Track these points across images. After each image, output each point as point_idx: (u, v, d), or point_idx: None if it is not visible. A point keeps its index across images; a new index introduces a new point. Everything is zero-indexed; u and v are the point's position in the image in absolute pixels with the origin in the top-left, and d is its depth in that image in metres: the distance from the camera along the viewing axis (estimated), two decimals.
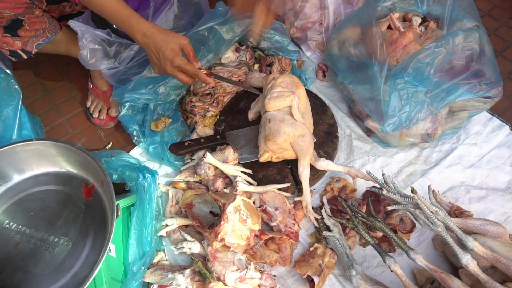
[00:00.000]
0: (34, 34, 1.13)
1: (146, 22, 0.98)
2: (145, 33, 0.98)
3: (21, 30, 1.10)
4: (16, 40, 1.11)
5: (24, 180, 0.95)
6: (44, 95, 1.54)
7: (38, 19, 1.11)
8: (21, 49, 1.14)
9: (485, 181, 1.20)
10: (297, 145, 1.08)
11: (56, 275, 0.82)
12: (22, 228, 0.88)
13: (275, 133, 1.08)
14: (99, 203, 0.91)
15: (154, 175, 1.10)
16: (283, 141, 1.08)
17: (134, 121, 1.31)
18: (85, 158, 0.89)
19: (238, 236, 1.01)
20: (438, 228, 0.92)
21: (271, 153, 1.11)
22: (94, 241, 0.86)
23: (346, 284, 1.05)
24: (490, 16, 1.64)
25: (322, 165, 1.11)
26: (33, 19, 1.10)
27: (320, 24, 1.49)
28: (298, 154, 1.09)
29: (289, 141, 1.09)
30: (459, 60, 1.20)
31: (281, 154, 1.12)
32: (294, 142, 1.09)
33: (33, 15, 1.09)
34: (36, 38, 1.14)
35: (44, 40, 1.15)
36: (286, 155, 1.12)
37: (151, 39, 0.98)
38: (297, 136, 1.08)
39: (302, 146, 1.08)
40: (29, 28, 1.11)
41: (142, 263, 0.99)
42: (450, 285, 0.90)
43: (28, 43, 1.13)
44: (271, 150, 1.11)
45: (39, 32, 1.13)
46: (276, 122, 1.09)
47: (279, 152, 1.11)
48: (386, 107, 1.14)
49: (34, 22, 1.11)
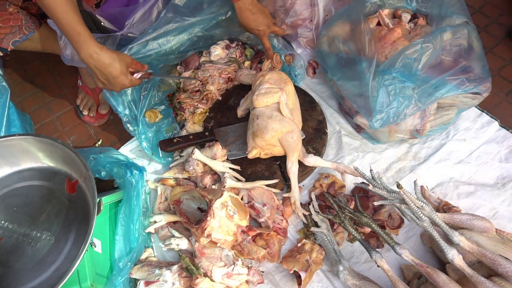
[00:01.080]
0: (10, 31, 1.12)
1: (94, 43, 0.97)
2: (91, 55, 0.97)
3: None
4: None
5: (7, 176, 0.95)
6: (34, 93, 1.54)
7: (13, 16, 1.10)
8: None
9: (473, 176, 1.20)
10: (285, 142, 1.08)
11: (38, 270, 0.82)
12: (5, 223, 0.88)
13: (263, 129, 1.08)
14: (82, 198, 0.90)
15: (142, 172, 1.10)
16: (271, 137, 1.08)
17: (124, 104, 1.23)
18: (68, 153, 0.89)
19: (225, 232, 1.01)
20: (424, 223, 0.92)
21: (259, 149, 1.12)
22: (77, 236, 0.85)
23: (334, 279, 1.05)
24: (481, 13, 1.64)
25: (311, 161, 1.11)
26: (6, 16, 1.09)
27: (311, 21, 1.49)
28: (287, 151, 1.09)
29: (277, 137, 1.09)
30: (447, 56, 1.20)
31: (269, 151, 1.12)
32: (282, 138, 1.09)
33: (5, 12, 1.09)
34: (12, 35, 1.13)
35: (21, 37, 1.14)
36: (275, 151, 1.12)
37: (98, 62, 0.98)
38: (285, 133, 1.08)
39: (290, 142, 1.08)
40: (3, 25, 1.10)
41: (129, 259, 0.99)
42: (436, 280, 0.90)
43: (4, 40, 1.12)
44: (259, 146, 1.11)
45: (15, 29, 1.12)
46: (264, 119, 1.09)
47: (268, 148, 1.11)
48: (374, 103, 1.14)
49: (7, 19, 1.10)
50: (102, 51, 0.97)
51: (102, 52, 0.97)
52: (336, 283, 1.05)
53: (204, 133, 1.24)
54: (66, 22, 0.94)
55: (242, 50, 1.41)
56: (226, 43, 1.39)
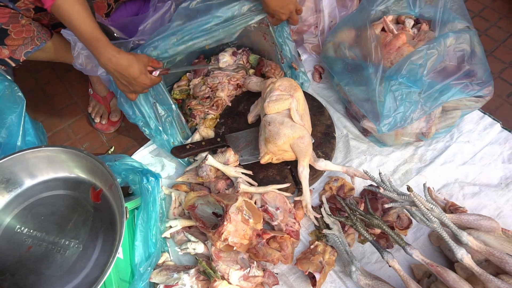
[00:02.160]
0: (22, 42, 1.13)
1: (112, 47, 1.00)
2: (110, 59, 1.00)
3: (8, 39, 1.11)
4: (3, 49, 1.12)
5: (34, 186, 0.98)
6: (46, 102, 1.56)
7: (25, 27, 1.12)
8: (9, 57, 1.14)
9: (478, 177, 1.24)
10: (296, 147, 1.12)
11: (69, 276, 0.85)
12: (34, 232, 0.91)
13: (275, 135, 1.11)
14: (107, 206, 0.93)
15: (157, 178, 1.13)
16: (283, 143, 1.11)
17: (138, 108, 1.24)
18: (93, 163, 0.92)
19: (241, 236, 1.04)
20: (434, 224, 0.96)
21: (271, 154, 1.15)
22: (104, 243, 0.89)
23: (346, 280, 1.09)
24: (480, 17, 1.69)
25: (321, 166, 1.14)
26: (19, 28, 1.11)
27: (316, 27, 1.53)
28: (298, 155, 1.13)
29: (288, 143, 1.12)
30: (451, 61, 1.24)
31: (281, 156, 1.16)
32: (293, 144, 1.12)
33: (18, 24, 1.10)
34: (24, 46, 1.15)
35: (34, 48, 1.16)
36: (286, 156, 1.16)
37: (118, 65, 1.00)
38: (296, 138, 1.11)
39: (301, 147, 1.11)
40: (16, 37, 1.12)
41: (148, 264, 1.02)
42: (446, 278, 0.93)
43: (16, 51, 1.14)
44: (271, 152, 1.14)
45: (27, 41, 1.14)
46: (276, 125, 1.13)
47: (279, 153, 1.15)
48: (382, 108, 1.18)
49: (20, 31, 1.12)
50: (120, 54, 1.00)
51: (120, 55, 1.00)
52: (349, 283, 1.08)
53: (216, 139, 1.27)
54: (83, 30, 0.97)
55: (247, 56, 1.44)
56: (233, 50, 1.42)
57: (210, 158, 1.19)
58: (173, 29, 1.17)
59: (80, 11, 0.96)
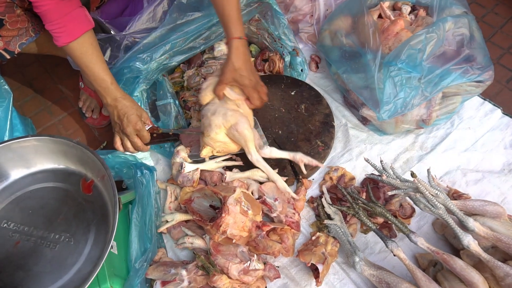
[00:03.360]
0: (17, 33, 1.10)
1: (120, 91, 1.06)
2: (116, 98, 1.04)
3: (3, 30, 1.07)
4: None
5: (21, 178, 0.93)
6: (34, 97, 1.52)
7: (20, 18, 1.09)
8: (3, 49, 1.11)
9: (480, 164, 1.22)
10: (232, 136, 1.06)
11: (59, 272, 0.80)
12: (21, 226, 0.86)
13: (207, 128, 1.06)
14: (99, 198, 0.89)
15: (152, 171, 1.09)
16: (215, 134, 1.05)
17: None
18: (84, 152, 0.88)
19: (240, 228, 1.01)
20: (439, 211, 0.93)
21: (209, 147, 1.09)
22: (96, 236, 0.84)
23: (350, 271, 1.06)
24: (477, 4, 1.67)
25: (266, 153, 1.09)
26: (14, 18, 1.08)
27: (311, 16, 1.50)
28: (239, 143, 1.07)
29: (223, 133, 1.06)
30: (450, 46, 1.21)
31: (221, 148, 1.10)
32: (229, 133, 1.06)
33: (14, 14, 1.07)
34: (19, 38, 1.11)
35: (28, 39, 1.13)
36: (230, 148, 1.10)
37: (121, 103, 1.04)
38: (230, 127, 1.05)
39: (235, 134, 1.05)
40: (11, 28, 1.08)
41: (144, 259, 0.98)
42: (453, 266, 0.90)
43: (11, 42, 1.10)
44: (208, 144, 1.09)
45: (22, 31, 1.11)
46: (208, 116, 1.07)
47: (218, 146, 1.09)
48: (381, 95, 1.15)
49: (15, 21, 1.08)
50: (125, 96, 1.06)
51: (126, 97, 1.06)
52: (352, 275, 1.05)
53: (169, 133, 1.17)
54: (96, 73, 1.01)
55: None
56: None
57: (187, 165, 1.13)
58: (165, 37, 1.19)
59: (94, 55, 1.01)
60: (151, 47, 1.17)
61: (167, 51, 1.19)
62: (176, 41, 1.19)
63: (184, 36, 1.19)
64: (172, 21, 1.17)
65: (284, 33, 1.30)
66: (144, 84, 1.22)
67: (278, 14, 1.27)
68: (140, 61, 1.17)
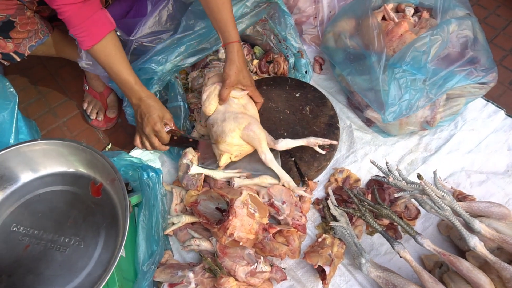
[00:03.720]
0: (27, 35, 1.10)
1: (145, 90, 1.09)
2: (140, 97, 1.08)
3: (13, 32, 1.07)
4: (8, 42, 1.09)
5: (30, 182, 0.93)
6: (38, 99, 1.52)
7: (30, 20, 1.09)
8: (14, 51, 1.11)
9: (484, 165, 1.22)
10: (247, 137, 1.08)
11: (70, 275, 0.80)
12: (31, 230, 0.86)
13: (221, 135, 1.07)
14: (108, 201, 0.89)
15: (158, 173, 1.09)
16: (231, 138, 1.07)
17: None
18: (93, 155, 0.88)
19: (247, 230, 1.01)
20: (446, 213, 0.93)
21: (227, 154, 1.11)
22: (106, 240, 0.84)
23: (356, 272, 1.06)
24: (479, 5, 1.68)
25: (282, 145, 1.12)
26: (25, 20, 1.08)
27: (315, 17, 1.50)
28: (253, 144, 1.09)
29: (238, 136, 1.08)
30: (454, 48, 1.22)
31: (238, 152, 1.11)
32: (243, 135, 1.08)
33: (24, 16, 1.07)
34: (28, 40, 1.12)
35: (37, 41, 1.13)
36: (245, 150, 1.12)
37: (144, 103, 1.08)
38: (243, 129, 1.07)
39: (251, 135, 1.07)
40: (21, 30, 1.09)
41: (152, 262, 0.98)
42: (459, 267, 0.91)
43: (21, 45, 1.11)
44: (225, 151, 1.10)
45: (31, 34, 1.11)
46: (219, 124, 1.09)
47: (235, 150, 1.10)
48: (386, 97, 1.15)
49: (26, 23, 1.09)
50: (150, 96, 1.09)
51: (150, 97, 1.09)
52: (358, 276, 1.06)
53: (188, 139, 1.20)
54: (120, 74, 1.04)
55: (249, 48, 1.41)
56: None
57: (194, 167, 1.14)
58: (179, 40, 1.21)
59: (117, 56, 1.03)
60: (166, 50, 1.19)
61: (182, 52, 1.21)
62: (191, 43, 1.21)
63: (198, 39, 1.20)
64: (188, 28, 1.18)
65: (290, 34, 1.31)
66: (158, 85, 1.24)
67: (285, 14, 1.28)
68: (155, 62, 1.19)
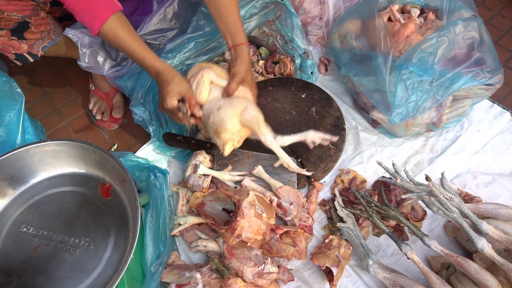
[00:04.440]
0: (40, 36, 1.11)
1: (161, 63, 1.06)
2: (158, 73, 1.05)
3: (28, 33, 1.08)
4: (22, 43, 1.09)
5: (39, 182, 0.93)
6: (44, 99, 1.52)
7: (44, 20, 1.09)
8: (27, 52, 1.11)
9: (490, 166, 1.23)
10: (245, 121, 1.06)
11: (80, 276, 0.80)
12: (40, 231, 0.86)
13: (221, 123, 1.05)
14: (118, 202, 0.89)
15: (165, 174, 1.09)
16: (232, 125, 1.05)
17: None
18: (102, 156, 0.88)
19: (255, 231, 1.01)
20: (454, 214, 0.93)
21: (230, 142, 1.08)
22: (116, 241, 0.84)
23: (363, 274, 1.06)
24: (483, 6, 1.68)
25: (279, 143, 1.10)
26: (39, 21, 1.08)
27: (320, 18, 1.50)
28: (252, 127, 1.07)
29: (237, 121, 1.06)
30: (460, 49, 1.22)
31: (239, 137, 1.09)
32: (241, 119, 1.06)
33: (39, 17, 1.07)
34: (42, 41, 1.12)
35: (50, 42, 1.13)
36: (243, 133, 1.09)
37: (160, 79, 1.05)
38: (241, 113, 1.05)
39: (248, 118, 1.05)
40: (35, 30, 1.09)
41: (159, 263, 0.99)
42: (467, 269, 0.91)
43: (34, 45, 1.11)
44: (228, 139, 1.07)
45: (44, 34, 1.11)
46: (215, 113, 1.06)
47: (237, 136, 1.08)
48: (393, 98, 1.15)
49: (40, 24, 1.09)
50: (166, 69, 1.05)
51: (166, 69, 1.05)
52: (365, 278, 1.06)
53: (206, 144, 1.21)
54: (130, 51, 1.03)
55: (254, 49, 1.41)
56: None
57: (202, 167, 1.13)
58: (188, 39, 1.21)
59: (126, 35, 1.02)
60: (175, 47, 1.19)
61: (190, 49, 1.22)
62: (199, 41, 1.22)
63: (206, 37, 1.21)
64: (198, 29, 1.19)
65: (296, 35, 1.31)
66: None
67: (292, 15, 1.28)
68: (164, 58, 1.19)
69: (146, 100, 1.25)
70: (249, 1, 1.22)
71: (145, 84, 1.23)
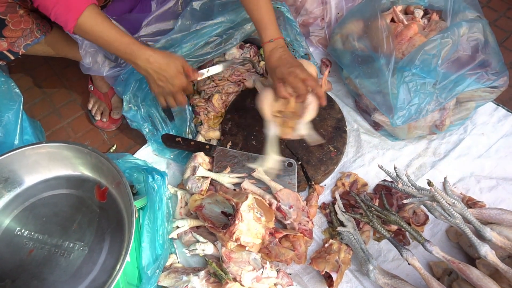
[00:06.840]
0: (21, 34, 1.08)
1: (147, 48, 0.99)
2: (148, 59, 0.98)
3: (6, 30, 1.05)
4: (1, 41, 1.07)
5: (35, 185, 0.92)
6: (43, 99, 1.51)
7: (23, 18, 1.07)
8: (8, 49, 1.09)
9: (494, 170, 1.20)
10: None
11: (74, 281, 0.79)
12: (35, 234, 0.85)
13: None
14: (113, 206, 0.88)
15: (163, 176, 1.08)
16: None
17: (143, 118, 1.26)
18: (98, 159, 0.87)
19: (254, 235, 1.00)
20: (456, 220, 0.92)
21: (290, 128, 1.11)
22: (111, 245, 0.83)
23: (363, 279, 1.04)
24: (489, 7, 1.65)
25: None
26: (17, 18, 1.06)
27: (322, 19, 1.48)
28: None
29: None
30: (464, 51, 1.20)
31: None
32: None
33: (16, 14, 1.05)
34: (24, 39, 1.09)
35: (33, 40, 1.11)
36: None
37: (156, 64, 0.99)
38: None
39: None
40: (14, 28, 1.07)
41: (156, 267, 0.97)
42: (469, 275, 0.89)
43: (15, 43, 1.09)
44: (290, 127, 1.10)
45: (26, 32, 1.09)
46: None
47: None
48: (395, 100, 1.14)
49: (18, 22, 1.07)
50: (156, 53, 0.98)
51: (157, 54, 0.98)
52: (365, 283, 1.04)
53: (205, 145, 1.20)
54: (114, 39, 0.95)
55: (256, 50, 1.39)
56: (240, 43, 1.37)
57: (201, 169, 1.12)
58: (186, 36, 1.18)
59: (105, 23, 0.95)
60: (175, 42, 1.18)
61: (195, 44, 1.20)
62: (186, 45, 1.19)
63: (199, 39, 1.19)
64: (185, 28, 1.16)
65: (296, 40, 1.29)
66: None
67: (290, 21, 1.27)
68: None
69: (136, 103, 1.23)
70: None
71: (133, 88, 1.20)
